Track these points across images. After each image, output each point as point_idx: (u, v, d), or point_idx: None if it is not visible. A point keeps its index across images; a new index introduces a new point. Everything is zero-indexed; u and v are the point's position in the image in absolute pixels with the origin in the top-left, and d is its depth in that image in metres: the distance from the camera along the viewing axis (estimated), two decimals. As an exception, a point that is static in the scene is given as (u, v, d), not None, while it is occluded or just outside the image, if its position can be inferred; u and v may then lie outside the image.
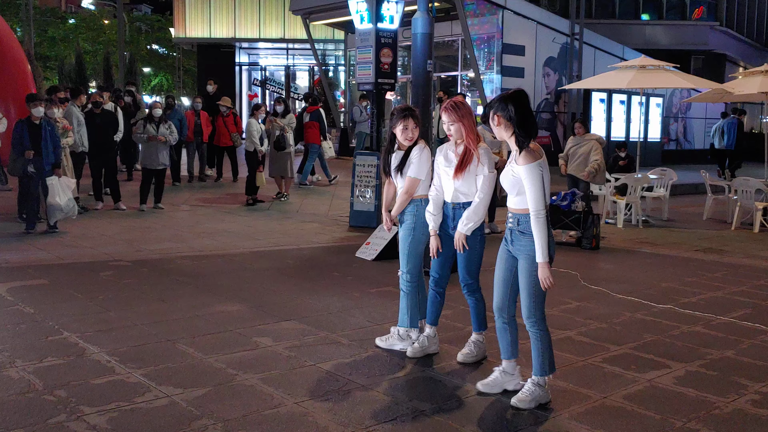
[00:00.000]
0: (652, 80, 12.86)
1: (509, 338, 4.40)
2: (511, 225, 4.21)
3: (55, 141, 9.41)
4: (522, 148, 4.07)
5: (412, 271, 5.12)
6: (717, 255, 9.37)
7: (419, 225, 5.07)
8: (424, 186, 5.10)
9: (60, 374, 4.46)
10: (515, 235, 4.17)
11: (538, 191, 4.01)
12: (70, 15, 46.40)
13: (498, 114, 4.15)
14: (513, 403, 4.16)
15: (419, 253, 5.12)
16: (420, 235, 5.08)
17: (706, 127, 27.00)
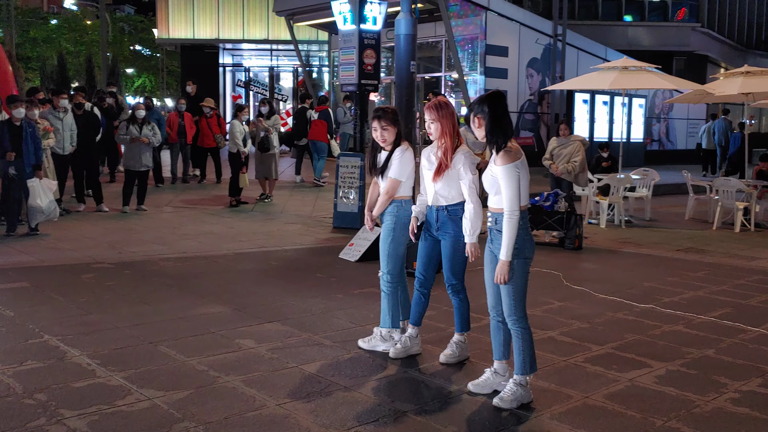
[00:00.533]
0: (635, 81, 12.94)
1: (502, 338, 4.40)
2: (490, 224, 4.24)
3: (36, 142, 9.33)
4: (499, 149, 4.09)
5: (392, 272, 5.12)
6: (698, 255, 9.44)
7: (399, 226, 5.08)
8: (405, 187, 5.11)
9: (40, 377, 4.43)
10: (494, 234, 4.20)
11: (514, 192, 4.07)
12: (52, 15, 46.05)
13: (478, 116, 4.18)
14: (495, 403, 4.18)
15: (399, 254, 5.13)
16: (400, 235, 5.09)
17: (688, 128, 27.21)
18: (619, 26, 28.53)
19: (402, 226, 5.07)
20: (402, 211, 5.08)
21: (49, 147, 10.50)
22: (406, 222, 5.06)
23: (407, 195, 5.13)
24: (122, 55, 39.69)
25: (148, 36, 42.48)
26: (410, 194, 5.18)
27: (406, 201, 5.11)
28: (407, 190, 5.13)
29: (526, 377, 4.23)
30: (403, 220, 5.06)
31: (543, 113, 22.08)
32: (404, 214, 5.07)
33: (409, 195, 5.17)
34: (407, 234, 5.05)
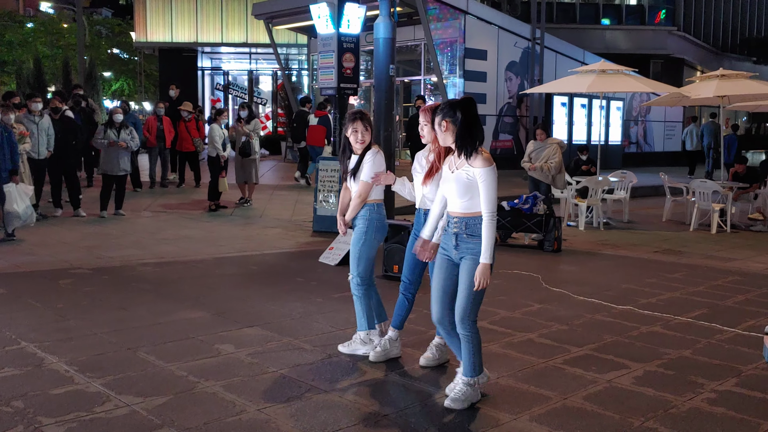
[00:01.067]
0: (612, 84, 13.06)
1: (458, 344, 4.38)
2: (456, 230, 4.18)
3: (13, 147, 9.25)
4: (470, 155, 4.09)
5: (362, 275, 5.12)
6: (675, 256, 9.53)
7: (371, 229, 5.08)
8: (377, 190, 5.13)
9: (17, 385, 4.39)
10: (462, 239, 4.16)
11: (494, 193, 4.09)
12: (28, 19, 45.59)
13: (446, 119, 4.17)
14: (447, 405, 4.18)
15: (370, 257, 5.13)
16: (372, 239, 5.10)
17: (665, 130, 27.47)
18: (597, 29, 28.78)
19: (374, 229, 5.08)
20: (374, 214, 5.09)
21: (25, 152, 10.41)
22: (379, 225, 5.09)
23: (379, 198, 5.16)
24: (100, 58, 39.35)
25: (126, 39, 42.19)
26: (382, 197, 5.20)
27: (378, 204, 5.14)
28: (379, 193, 5.15)
29: (475, 378, 4.25)
30: (375, 223, 5.08)
31: (522, 116, 22.20)
32: (376, 217, 5.09)
33: (381, 198, 5.19)
34: (380, 238, 5.10)
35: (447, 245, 4.26)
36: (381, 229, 5.13)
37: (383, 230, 5.16)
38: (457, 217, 4.20)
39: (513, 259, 9.00)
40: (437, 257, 4.34)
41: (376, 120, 11.48)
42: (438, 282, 4.31)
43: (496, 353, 5.27)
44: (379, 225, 5.10)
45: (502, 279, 7.73)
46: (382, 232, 5.15)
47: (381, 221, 5.12)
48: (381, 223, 5.12)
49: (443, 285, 4.29)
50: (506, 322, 6.09)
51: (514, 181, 17.24)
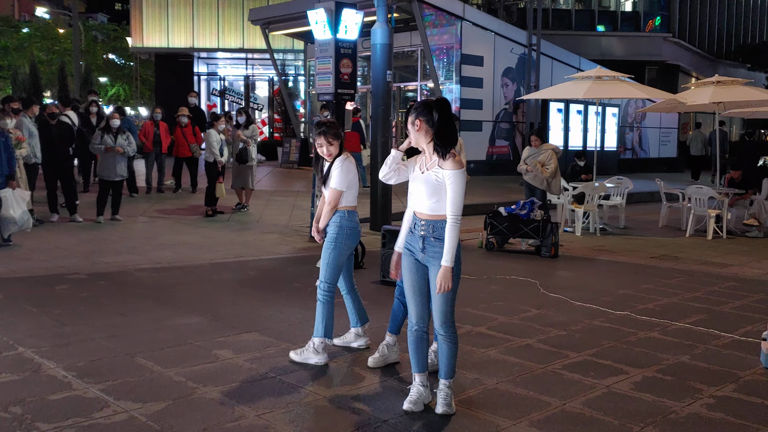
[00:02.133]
0: (608, 90, 13.10)
1: (426, 349, 4.37)
2: (423, 232, 4.17)
3: (9, 152, 9.23)
4: (445, 156, 4.09)
5: (330, 281, 5.10)
6: (672, 262, 9.55)
7: (341, 236, 5.08)
8: (348, 197, 5.12)
9: (15, 390, 4.37)
10: (429, 242, 4.15)
11: (462, 197, 4.09)
12: (23, 24, 45.59)
13: (420, 119, 4.15)
14: (444, 412, 4.17)
15: (338, 264, 5.11)
16: (341, 245, 5.09)
17: (661, 137, 27.56)
18: (593, 36, 28.89)
19: (345, 236, 5.08)
20: (345, 221, 5.09)
21: (22, 157, 10.39)
22: (350, 232, 5.09)
23: (351, 205, 5.15)
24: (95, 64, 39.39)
25: (122, 45, 42.22)
26: (354, 204, 5.19)
27: (350, 211, 5.13)
28: (351, 200, 5.15)
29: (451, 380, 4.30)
30: (345, 230, 5.08)
31: (518, 122, 22.25)
32: (347, 224, 5.09)
33: (354, 205, 5.17)
34: (350, 244, 5.11)
35: (413, 246, 4.24)
36: (352, 235, 5.12)
37: (354, 237, 5.15)
38: (424, 219, 4.17)
39: (510, 264, 9.01)
40: (404, 259, 4.31)
41: (374, 126, 11.51)
42: (413, 284, 4.26)
43: (494, 359, 5.27)
44: (350, 232, 5.10)
45: (500, 285, 7.74)
46: (352, 238, 5.14)
47: (352, 228, 5.12)
48: (352, 230, 5.12)
49: (418, 285, 4.26)
50: (504, 328, 6.09)
51: (511, 186, 17.27)
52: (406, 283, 4.31)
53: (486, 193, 15.84)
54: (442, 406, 4.21)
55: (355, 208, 5.21)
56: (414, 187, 4.23)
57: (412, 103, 4.51)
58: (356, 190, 5.21)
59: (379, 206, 11.19)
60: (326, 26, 10.51)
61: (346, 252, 5.15)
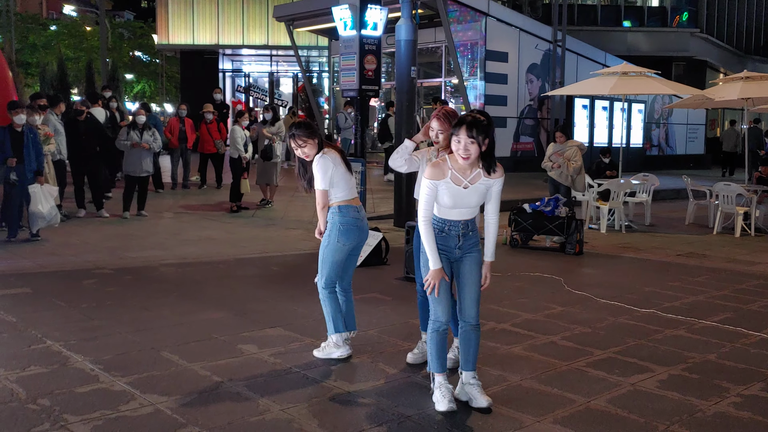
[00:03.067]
0: (634, 86, 12.97)
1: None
2: (463, 230, 4.25)
3: (38, 148, 9.36)
4: (493, 170, 4.16)
5: (327, 279, 5.05)
6: (699, 259, 9.45)
7: (334, 232, 4.98)
8: (338, 191, 5.00)
9: (43, 383, 4.43)
10: (467, 237, 4.25)
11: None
12: (51, 21, 46.12)
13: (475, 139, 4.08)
14: (489, 404, 4.18)
15: (335, 261, 5.01)
16: (335, 242, 4.97)
17: (688, 133, 27.26)
18: (618, 32, 28.63)
19: (338, 232, 4.97)
20: (338, 218, 4.98)
21: (50, 153, 10.53)
22: (343, 229, 4.96)
23: (344, 199, 5.01)
24: (122, 61, 39.73)
25: (148, 42, 42.55)
26: (348, 197, 5.02)
27: (344, 206, 4.99)
28: (342, 194, 5.00)
29: None
30: (338, 226, 4.97)
31: (543, 118, 22.13)
32: (341, 220, 4.97)
33: (347, 198, 5.02)
34: (345, 241, 4.97)
35: (447, 246, 4.24)
36: (346, 232, 4.96)
37: (351, 233, 4.99)
38: (463, 221, 4.24)
39: (534, 261, 8.97)
40: (469, 258, 4.31)
41: (398, 122, 11.50)
42: (444, 284, 4.24)
43: (518, 355, 5.25)
44: (343, 228, 4.96)
45: (524, 281, 7.71)
46: (348, 235, 4.98)
47: (346, 224, 4.98)
48: (346, 226, 4.97)
49: (447, 284, 4.27)
50: (529, 325, 6.07)
51: (535, 183, 17.18)
52: (467, 280, 4.28)
53: (510, 190, 15.74)
54: (485, 399, 4.20)
55: (350, 202, 5.04)
56: (458, 201, 4.16)
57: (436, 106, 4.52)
58: (347, 183, 5.03)
59: (402, 202, 11.18)
60: (351, 22, 10.52)
61: (343, 248, 4.99)
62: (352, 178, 5.14)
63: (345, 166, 5.08)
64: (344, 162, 5.11)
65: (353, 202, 5.07)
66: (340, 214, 4.99)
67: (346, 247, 5.02)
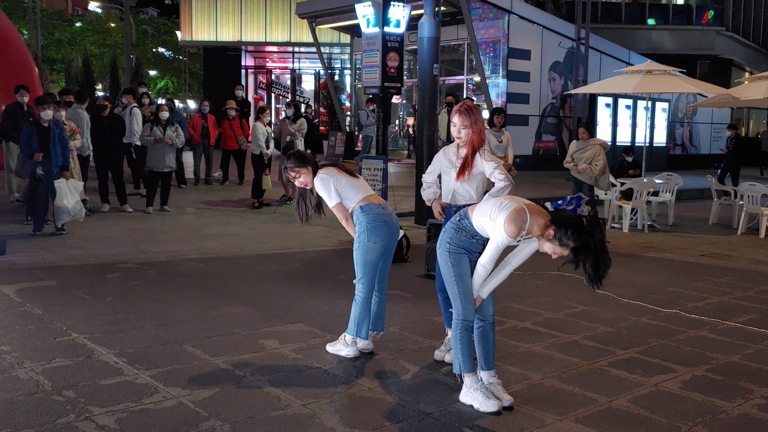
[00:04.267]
0: (659, 85, 12.86)
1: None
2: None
3: (64, 143, 9.45)
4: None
5: (364, 280, 5.03)
6: (723, 260, 9.36)
7: (362, 233, 4.95)
8: (350, 196, 4.99)
9: (68, 375, 4.49)
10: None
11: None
12: (76, 18, 46.55)
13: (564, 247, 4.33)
14: (512, 404, 4.19)
15: (369, 261, 4.98)
16: (365, 242, 4.94)
17: (712, 132, 26.99)
18: (643, 30, 28.40)
19: (366, 231, 4.93)
20: (362, 217, 4.95)
21: (75, 148, 10.64)
22: (370, 227, 4.92)
23: (359, 199, 4.98)
24: (145, 57, 40.04)
25: (171, 38, 42.84)
26: (362, 195, 4.99)
27: (364, 206, 4.96)
28: (355, 197, 4.99)
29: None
30: (365, 225, 4.94)
31: (565, 117, 22.01)
32: (366, 219, 4.94)
33: (362, 197, 4.98)
34: (375, 239, 4.93)
35: (470, 250, 4.29)
36: (374, 229, 4.92)
37: (378, 229, 4.93)
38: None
39: (556, 260, 8.91)
40: (465, 262, 4.26)
41: (420, 120, 11.49)
42: (470, 281, 4.26)
43: (540, 354, 5.23)
44: (370, 227, 4.93)
45: (546, 280, 7.68)
46: (376, 232, 4.93)
47: (372, 222, 4.93)
48: (372, 224, 4.93)
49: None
50: (550, 324, 6.05)
51: (557, 182, 17.11)
52: (467, 282, 4.24)
53: (532, 188, 15.71)
54: (508, 398, 4.21)
55: (368, 200, 4.99)
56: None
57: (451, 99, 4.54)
58: (353, 187, 5.00)
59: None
60: (373, 19, 10.52)
61: (372, 247, 4.95)
62: (359, 180, 5.10)
63: (346, 174, 5.05)
64: (344, 171, 5.07)
65: (372, 199, 5.03)
66: (364, 213, 4.96)
67: (378, 245, 4.96)
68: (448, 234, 4.30)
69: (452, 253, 4.24)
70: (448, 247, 4.25)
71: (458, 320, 4.23)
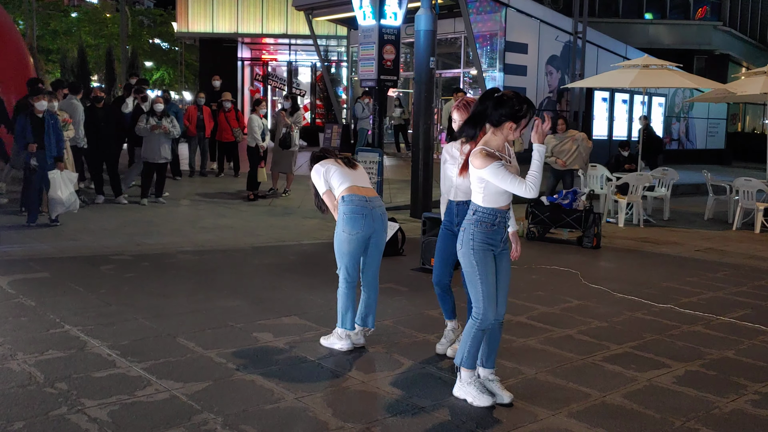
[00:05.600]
0: (655, 80, 12.84)
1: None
2: (506, 222, 4.24)
3: (58, 134, 9.42)
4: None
5: (342, 271, 5.02)
6: (718, 255, 9.37)
7: (339, 221, 4.96)
8: (341, 184, 5.00)
9: (61, 367, 4.47)
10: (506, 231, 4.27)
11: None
12: (72, 8, 46.32)
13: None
14: (511, 401, 4.17)
15: (345, 252, 4.95)
16: (340, 232, 4.94)
17: (709, 127, 26.99)
18: (640, 24, 28.35)
19: (343, 222, 4.93)
20: (342, 207, 4.95)
21: (69, 138, 10.59)
22: (347, 218, 4.90)
23: (344, 188, 4.97)
24: (141, 48, 39.85)
25: (167, 29, 42.65)
26: (347, 185, 4.97)
27: (347, 195, 4.94)
28: (340, 186, 4.99)
29: None
30: (342, 216, 4.93)
31: (562, 111, 21.97)
32: (344, 209, 4.93)
33: (347, 186, 4.97)
34: (349, 230, 4.90)
35: (495, 240, 4.14)
36: (350, 221, 4.90)
37: (354, 221, 4.89)
38: (508, 209, 4.22)
39: (551, 254, 8.93)
40: (489, 260, 4.12)
41: (416, 113, 11.47)
42: (493, 280, 4.18)
43: (534, 348, 5.23)
44: (346, 217, 4.90)
45: (541, 274, 7.68)
46: (350, 223, 4.89)
47: (350, 212, 4.91)
48: (350, 215, 4.91)
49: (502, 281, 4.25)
50: (545, 318, 6.04)
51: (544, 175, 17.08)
52: (491, 281, 4.14)
53: (528, 182, 15.68)
54: (507, 395, 4.19)
55: (352, 190, 4.96)
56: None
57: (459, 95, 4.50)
58: (342, 175, 4.99)
59: (419, 193, 11.17)
60: (370, 12, 10.49)
61: (349, 238, 4.90)
62: (353, 170, 5.08)
63: (339, 164, 5.08)
64: (339, 161, 5.12)
65: (357, 190, 4.98)
66: (344, 203, 4.95)
67: (353, 237, 4.91)
68: (468, 232, 4.12)
69: (476, 250, 4.08)
70: (472, 244, 4.09)
71: (477, 319, 4.13)
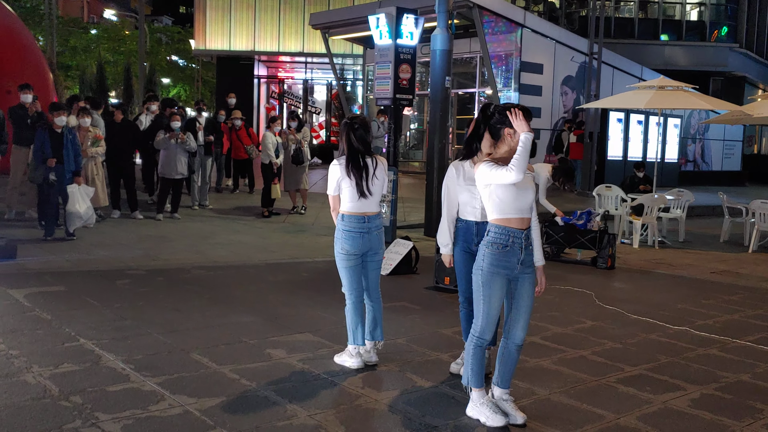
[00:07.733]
0: (671, 101, 12.82)
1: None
2: (526, 243, 4.16)
3: (76, 149, 9.51)
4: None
5: (345, 288, 5.09)
6: (733, 277, 9.30)
7: (338, 240, 5.03)
8: (344, 201, 5.03)
9: (76, 380, 4.49)
10: (527, 252, 4.17)
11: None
12: (92, 25, 46.88)
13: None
14: (525, 421, 4.14)
15: (344, 268, 5.04)
16: (338, 250, 5.04)
17: (724, 149, 26.87)
18: (656, 45, 28.35)
19: (339, 240, 5.01)
20: (339, 224, 5.04)
21: (98, 155, 10.70)
22: (342, 236, 4.97)
23: (347, 210, 5.01)
24: (159, 65, 40.23)
25: (185, 47, 43.05)
26: (349, 209, 5.00)
27: (345, 216, 5.00)
28: (346, 205, 5.01)
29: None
30: (339, 233, 5.01)
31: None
32: (341, 227, 5.00)
33: (347, 210, 5.00)
34: (349, 249, 4.97)
35: (509, 263, 4.09)
36: (347, 239, 4.97)
37: (350, 240, 4.96)
38: (524, 230, 4.13)
39: (565, 275, 8.89)
40: (497, 283, 4.09)
41: (431, 131, 11.50)
42: (501, 303, 4.17)
43: (547, 369, 5.21)
44: (343, 235, 5.00)
45: (555, 294, 7.65)
46: (348, 242, 4.96)
47: (347, 231, 4.99)
48: (347, 233, 4.98)
49: (502, 306, 4.22)
50: (558, 339, 6.02)
51: (567, 196, 17.05)
52: (494, 304, 4.13)
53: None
54: (521, 416, 4.16)
55: (353, 210, 4.99)
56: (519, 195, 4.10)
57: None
58: (352, 195, 4.98)
59: (433, 212, 11.16)
60: (387, 31, 10.55)
61: (344, 256, 5.01)
62: (362, 198, 5.00)
63: (352, 186, 4.96)
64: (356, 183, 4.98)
65: (359, 212, 5.01)
66: (342, 222, 5.04)
67: (351, 255, 5.01)
68: (480, 253, 4.13)
69: (484, 272, 4.08)
70: (481, 264, 4.09)
71: (474, 336, 4.18)
